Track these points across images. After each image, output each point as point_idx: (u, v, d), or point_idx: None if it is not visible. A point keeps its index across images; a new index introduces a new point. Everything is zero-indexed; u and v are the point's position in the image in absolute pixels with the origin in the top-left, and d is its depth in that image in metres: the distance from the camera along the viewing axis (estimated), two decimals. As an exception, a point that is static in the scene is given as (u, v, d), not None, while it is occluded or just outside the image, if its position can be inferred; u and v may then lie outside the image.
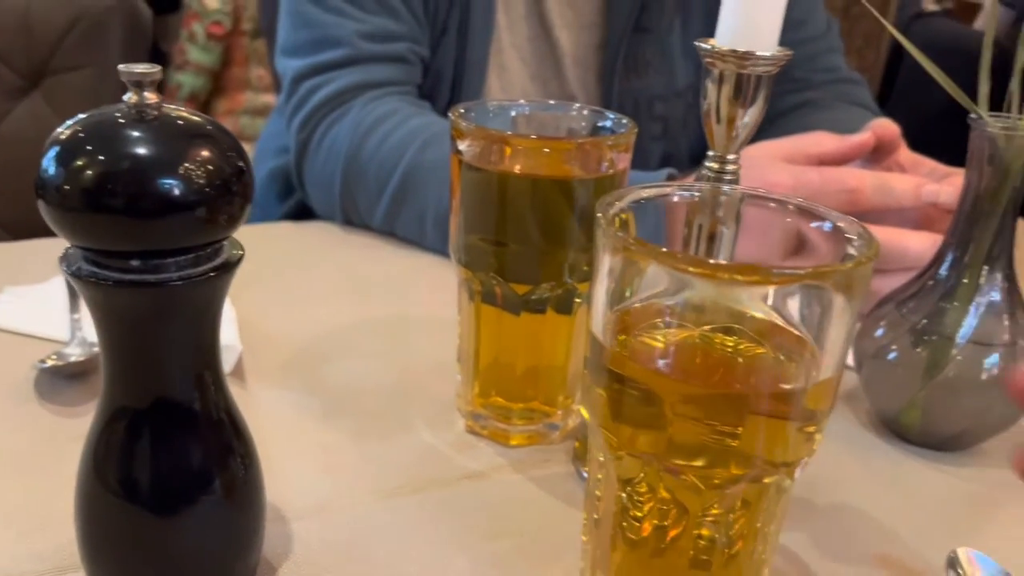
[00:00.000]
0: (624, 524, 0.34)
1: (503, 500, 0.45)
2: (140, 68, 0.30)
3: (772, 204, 0.35)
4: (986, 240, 0.48)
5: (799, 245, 0.35)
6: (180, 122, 0.31)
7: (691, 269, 0.29)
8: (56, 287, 0.60)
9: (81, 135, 0.30)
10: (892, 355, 0.50)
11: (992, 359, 0.48)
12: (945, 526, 0.46)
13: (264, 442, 0.39)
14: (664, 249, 0.29)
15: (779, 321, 0.32)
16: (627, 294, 0.32)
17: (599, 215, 0.31)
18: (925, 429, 0.51)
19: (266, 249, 0.74)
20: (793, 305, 0.31)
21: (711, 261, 0.30)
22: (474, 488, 0.46)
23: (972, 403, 0.49)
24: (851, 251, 0.31)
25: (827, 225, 0.33)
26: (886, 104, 1.62)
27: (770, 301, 0.32)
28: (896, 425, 0.52)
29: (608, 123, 0.48)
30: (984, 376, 0.48)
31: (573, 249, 0.46)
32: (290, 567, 0.39)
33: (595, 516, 0.35)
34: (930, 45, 0.47)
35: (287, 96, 0.81)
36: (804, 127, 0.72)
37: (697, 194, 0.37)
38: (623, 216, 0.33)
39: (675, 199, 0.36)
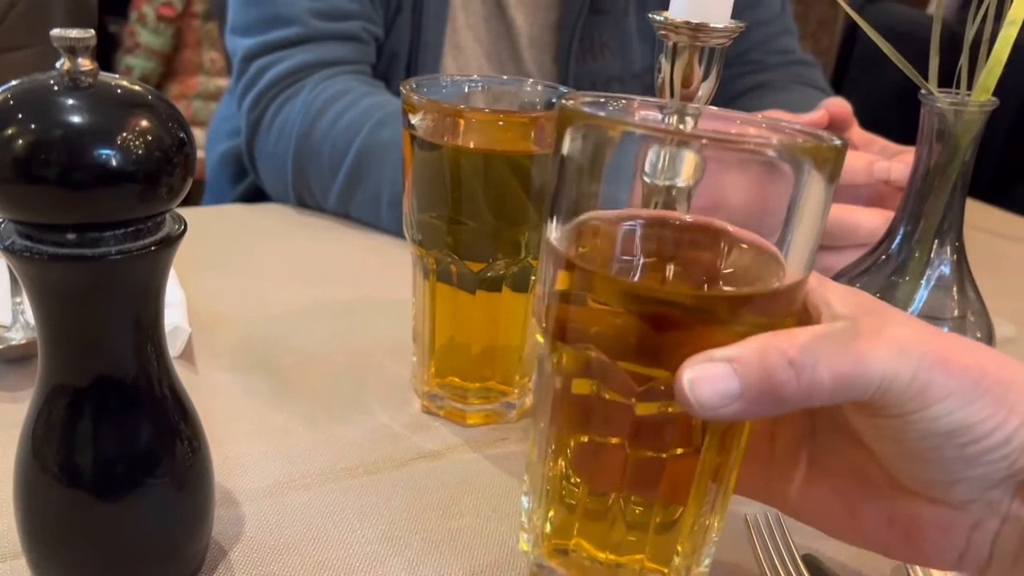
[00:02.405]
0: (563, 491, 0.33)
1: (459, 479, 0.44)
2: (74, 33, 0.29)
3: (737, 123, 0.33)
4: (936, 215, 0.48)
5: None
6: (118, 90, 0.30)
7: (666, 135, 0.28)
8: (-3, 270, 0.58)
9: (11, 103, 0.28)
10: (845, 330, 0.51)
11: (942, 333, 0.49)
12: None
13: (215, 425, 0.38)
14: (634, 116, 0.28)
15: (745, 234, 0.31)
16: (588, 192, 0.31)
17: (564, 100, 0.30)
18: (877, 403, 0.52)
19: (218, 232, 0.73)
20: (760, 191, 0.29)
21: (683, 130, 0.29)
22: (430, 468, 0.45)
23: (923, 376, 0.50)
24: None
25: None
26: (840, 87, 1.64)
27: (738, 185, 0.30)
28: (849, 400, 0.53)
29: (562, 98, 0.47)
30: (934, 350, 0.49)
31: (528, 226, 0.45)
32: (242, 550, 0.39)
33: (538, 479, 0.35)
34: (882, 29, 0.47)
35: (237, 75, 0.80)
36: (759, 108, 0.73)
37: (659, 113, 0.35)
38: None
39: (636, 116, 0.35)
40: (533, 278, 0.47)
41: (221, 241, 0.71)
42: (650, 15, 0.40)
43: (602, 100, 0.33)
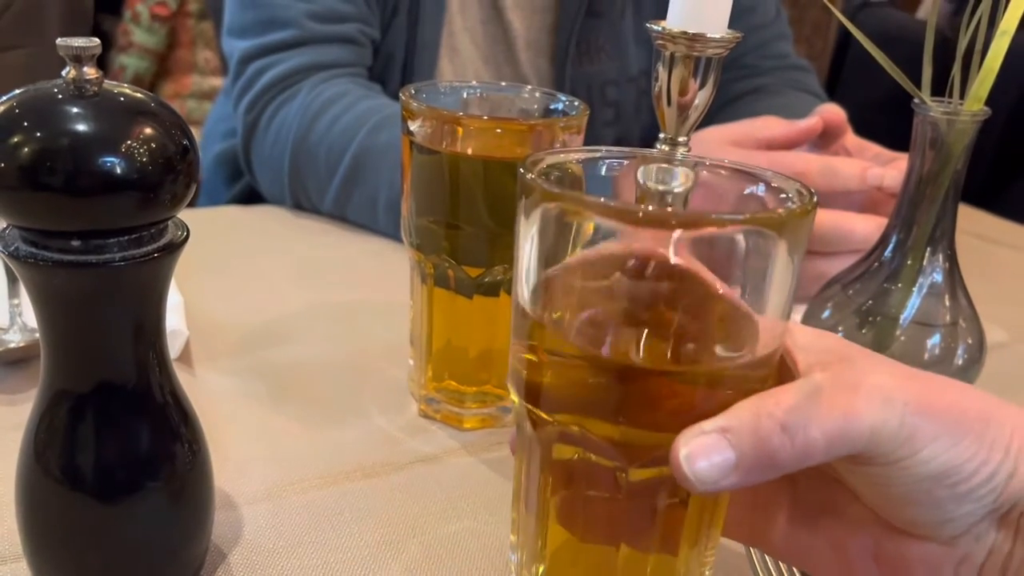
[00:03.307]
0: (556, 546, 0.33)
1: (457, 483, 0.45)
2: (79, 42, 0.29)
3: (704, 171, 0.34)
4: (929, 222, 0.49)
5: None
6: (122, 98, 0.30)
7: (625, 218, 0.28)
8: (-6, 272, 0.58)
9: (17, 111, 0.29)
10: (838, 336, 0.51)
11: (934, 339, 0.49)
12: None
13: (213, 428, 0.38)
14: (600, 199, 0.27)
15: (719, 286, 0.30)
16: (555, 256, 0.30)
17: (522, 169, 0.29)
18: (870, 408, 0.52)
19: (214, 233, 0.73)
20: (733, 264, 0.29)
21: (648, 208, 0.28)
22: (427, 472, 0.46)
23: (915, 382, 0.50)
24: (791, 206, 0.30)
25: (760, 187, 0.32)
26: (833, 92, 1.65)
27: (710, 257, 0.30)
28: (842, 404, 0.53)
29: (560, 105, 0.48)
30: (926, 356, 0.49)
31: (526, 231, 0.46)
32: (241, 553, 0.39)
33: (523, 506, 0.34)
34: (875, 34, 0.48)
35: (234, 77, 0.80)
36: (753, 113, 0.73)
37: (626, 160, 0.35)
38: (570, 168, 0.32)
39: (603, 167, 0.34)
40: (530, 283, 0.48)
41: (217, 243, 0.71)
42: (648, 24, 0.41)
43: (577, 160, 0.33)
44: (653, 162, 0.35)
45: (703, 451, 0.27)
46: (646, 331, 0.31)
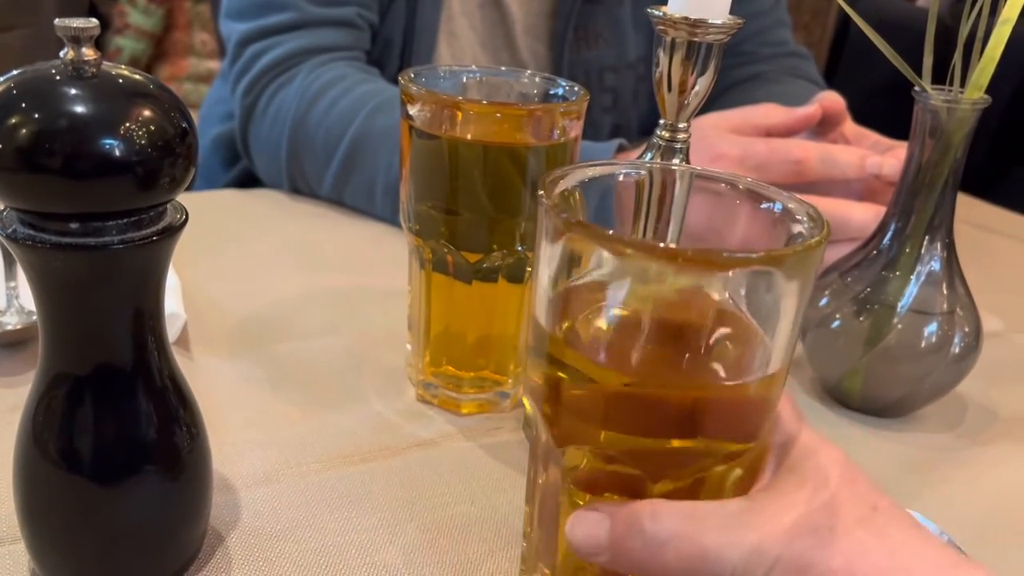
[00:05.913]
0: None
1: (453, 468, 0.45)
2: (77, 22, 0.29)
3: (722, 184, 0.34)
4: (927, 211, 0.49)
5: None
6: (120, 80, 0.30)
7: (637, 253, 0.28)
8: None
9: (15, 92, 0.28)
10: (836, 323, 0.51)
11: (931, 327, 0.49)
12: (884, 489, 0.47)
13: (211, 411, 0.38)
14: (609, 232, 0.28)
15: (730, 307, 0.31)
16: (572, 277, 0.31)
17: (541, 193, 0.30)
18: (866, 395, 0.52)
19: (211, 217, 0.73)
20: (742, 290, 0.30)
21: (658, 245, 0.29)
22: (425, 456, 0.46)
23: (911, 370, 0.50)
24: (800, 230, 0.30)
25: (777, 206, 0.32)
26: (832, 79, 1.65)
27: (720, 285, 0.31)
28: (838, 392, 0.54)
29: (560, 90, 0.48)
30: (923, 344, 0.49)
31: (524, 217, 0.46)
32: (239, 536, 0.39)
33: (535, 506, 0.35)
34: (874, 22, 0.47)
35: (232, 60, 0.79)
36: (752, 100, 0.73)
37: (643, 171, 0.35)
38: (569, 194, 0.32)
39: (621, 177, 0.35)
40: (529, 269, 0.48)
41: (214, 227, 0.70)
42: (649, 10, 0.41)
43: (588, 179, 0.33)
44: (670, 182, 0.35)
45: (582, 523, 0.29)
46: (654, 347, 0.32)
